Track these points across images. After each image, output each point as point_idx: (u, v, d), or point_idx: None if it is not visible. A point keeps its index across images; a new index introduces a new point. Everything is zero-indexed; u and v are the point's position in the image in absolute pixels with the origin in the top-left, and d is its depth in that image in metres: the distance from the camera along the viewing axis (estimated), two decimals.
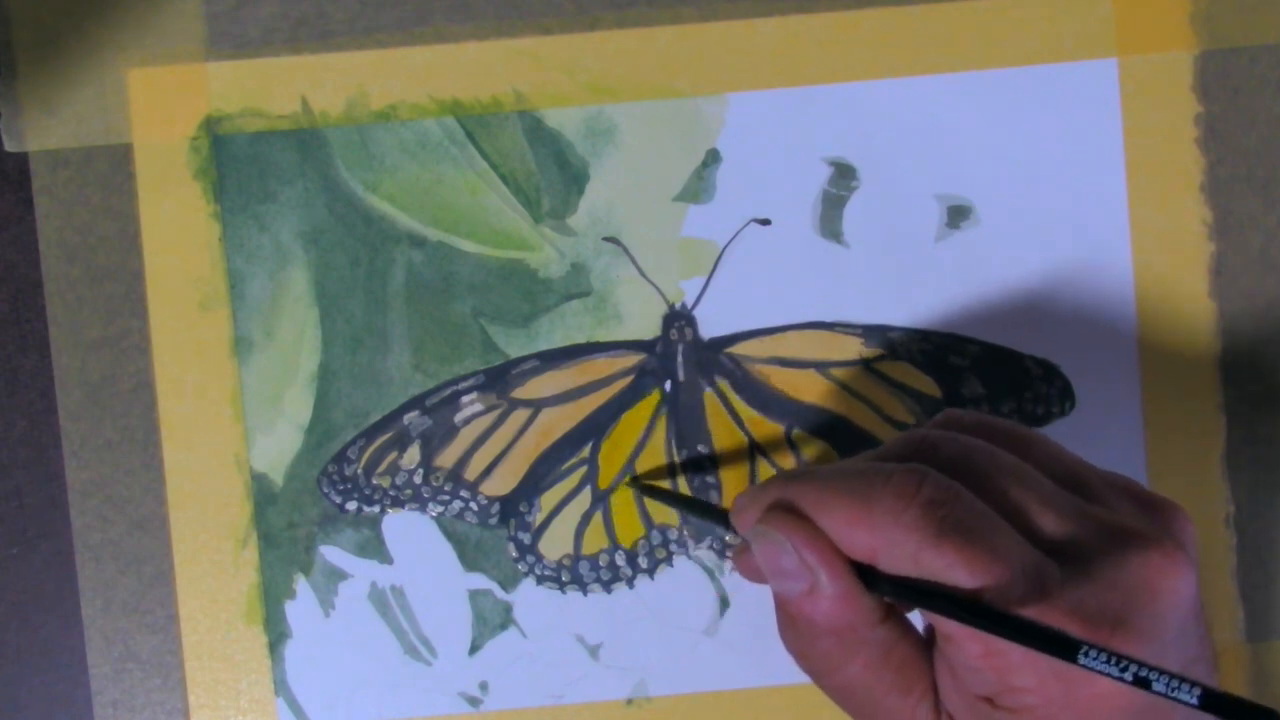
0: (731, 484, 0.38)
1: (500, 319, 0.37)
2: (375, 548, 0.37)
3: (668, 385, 0.38)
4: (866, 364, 0.37)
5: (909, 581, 0.27)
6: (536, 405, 0.37)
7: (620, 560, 0.38)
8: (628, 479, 0.37)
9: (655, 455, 0.38)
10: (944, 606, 0.26)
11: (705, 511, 0.36)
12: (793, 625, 0.29)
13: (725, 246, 0.37)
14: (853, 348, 0.37)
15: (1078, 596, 0.26)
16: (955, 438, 0.29)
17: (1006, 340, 0.37)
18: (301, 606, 0.37)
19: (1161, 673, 0.24)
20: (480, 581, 0.37)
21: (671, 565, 0.38)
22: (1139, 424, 0.37)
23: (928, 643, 0.30)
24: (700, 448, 0.38)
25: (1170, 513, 0.30)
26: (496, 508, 0.37)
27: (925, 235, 0.37)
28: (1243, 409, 0.38)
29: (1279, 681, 0.38)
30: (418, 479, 0.37)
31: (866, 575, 0.28)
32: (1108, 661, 0.24)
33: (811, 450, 0.38)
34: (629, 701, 0.38)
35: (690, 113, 0.37)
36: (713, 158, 0.37)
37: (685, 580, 0.38)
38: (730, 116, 0.37)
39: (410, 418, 0.37)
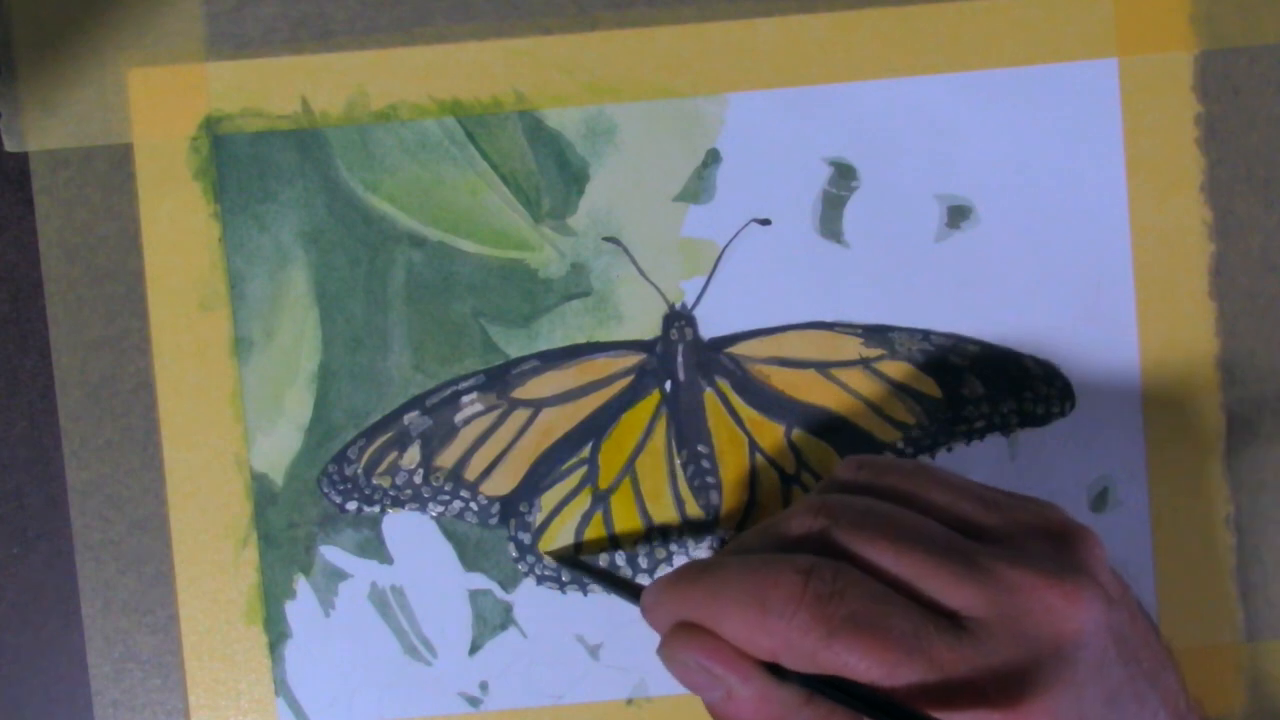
0: (731, 484, 0.38)
1: (500, 319, 0.37)
2: (375, 548, 0.37)
3: (668, 385, 0.38)
4: (866, 364, 0.37)
5: (813, 677, 0.28)
6: (536, 405, 0.37)
7: (620, 560, 0.38)
8: (548, 552, 0.37)
9: (655, 455, 0.38)
10: (847, 700, 0.27)
11: (622, 589, 0.36)
12: None
13: (725, 246, 0.37)
14: (853, 348, 0.37)
15: (981, 659, 0.27)
16: (848, 504, 0.30)
17: (1006, 340, 0.37)
18: (301, 606, 0.37)
19: None
20: (480, 581, 0.37)
21: (671, 565, 0.38)
22: (1139, 424, 0.37)
23: None
24: (700, 448, 0.38)
25: (1077, 541, 0.30)
26: (496, 508, 0.37)
27: (925, 235, 0.37)
28: (1243, 409, 0.38)
29: (1279, 681, 0.38)
30: (418, 479, 0.37)
31: (777, 669, 0.29)
32: None
33: (811, 450, 0.38)
34: (629, 701, 0.38)
35: (690, 113, 0.37)
36: (713, 158, 0.37)
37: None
38: (730, 116, 0.37)
39: (410, 418, 0.37)
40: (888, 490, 0.31)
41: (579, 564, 0.37)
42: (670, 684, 0.37)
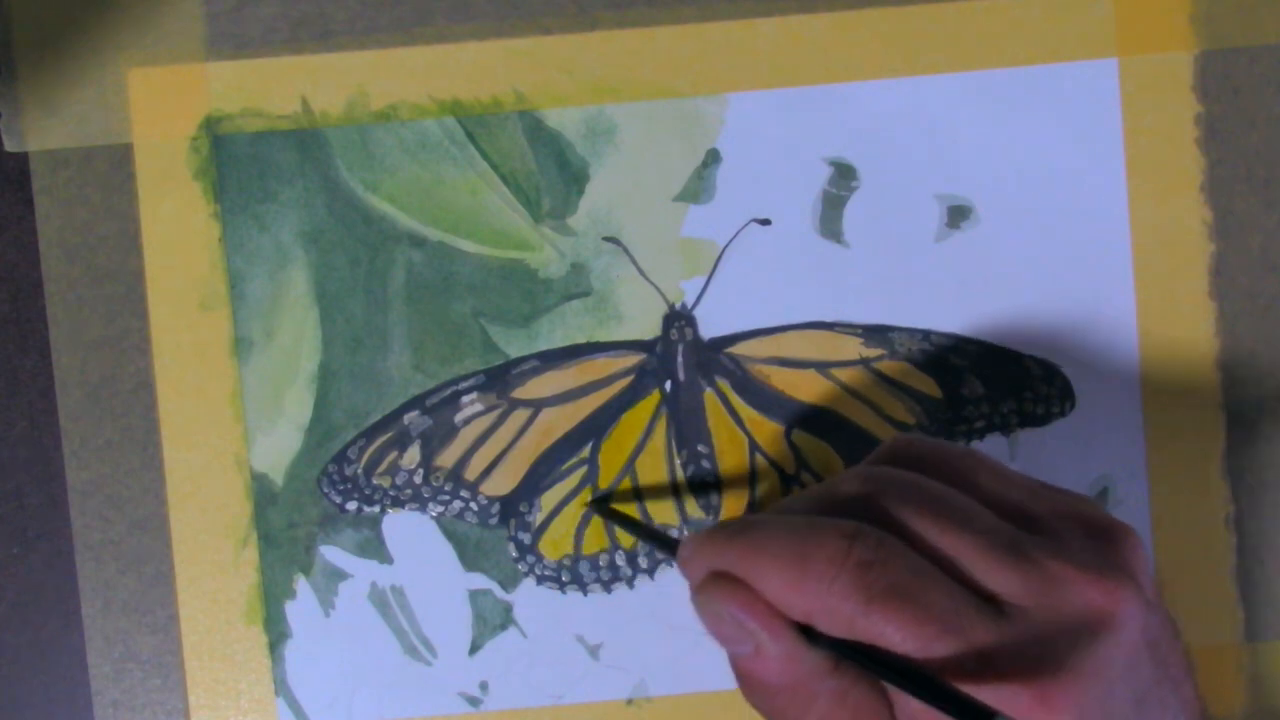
0: (732, 484, 0.38)
1: (500, 319, 0.37)
2: (375, 548, 0.37)
3: (668, 385, 0.38)
4: (866, 364, 0.37)
5: (845, 643, 0.28)
6: (536, 405, 0.37)
7: (620, 560, 0.38)
8: (588, 501, 0.37)
9: (655, 455, 0.38)
10: (877, 669, 0.27)
11: (660, 542, 0.36)
12: (747, 682, 0.30)
13: (725, 246, 0.37)
14: (853, 348, 0.37)
15: (1017, 643, 0.27)
16: (898, 477, 0.30)
17: (1006, 340, 0.37)
18: (301, 606, 0.37)
19: None
20: (480, 581, 0.37)
21: (671, 565, 0.38)
22: (1139, 424, 0.37)
23: None
24: (700, 448, 0.38)
25: (1120, 539, 0.30)
26: (496, 508, 0.37)
27: (925, 235, 0.37)
28: (1243, 409, 0.38)
29: (1279, 681, 0.38)
30: (418, 479, 0.37)
31: (809, 632, 0.28)
32: None
33: (811, 450, 0.38)
34: (629, 701, 0.38)
35: (690, 113, 0.37)
36: (713, 158, 0.37)
37: (685, 580, 0.38)
38: (730, 116, 0.37)
39: (410, 418, 0.37)
40: (937, 470, 0.30)
41: (612, 514, 0.37)
42: (670, 684, 0.37)
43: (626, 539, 0.38)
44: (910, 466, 0.31)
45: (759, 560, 0.28)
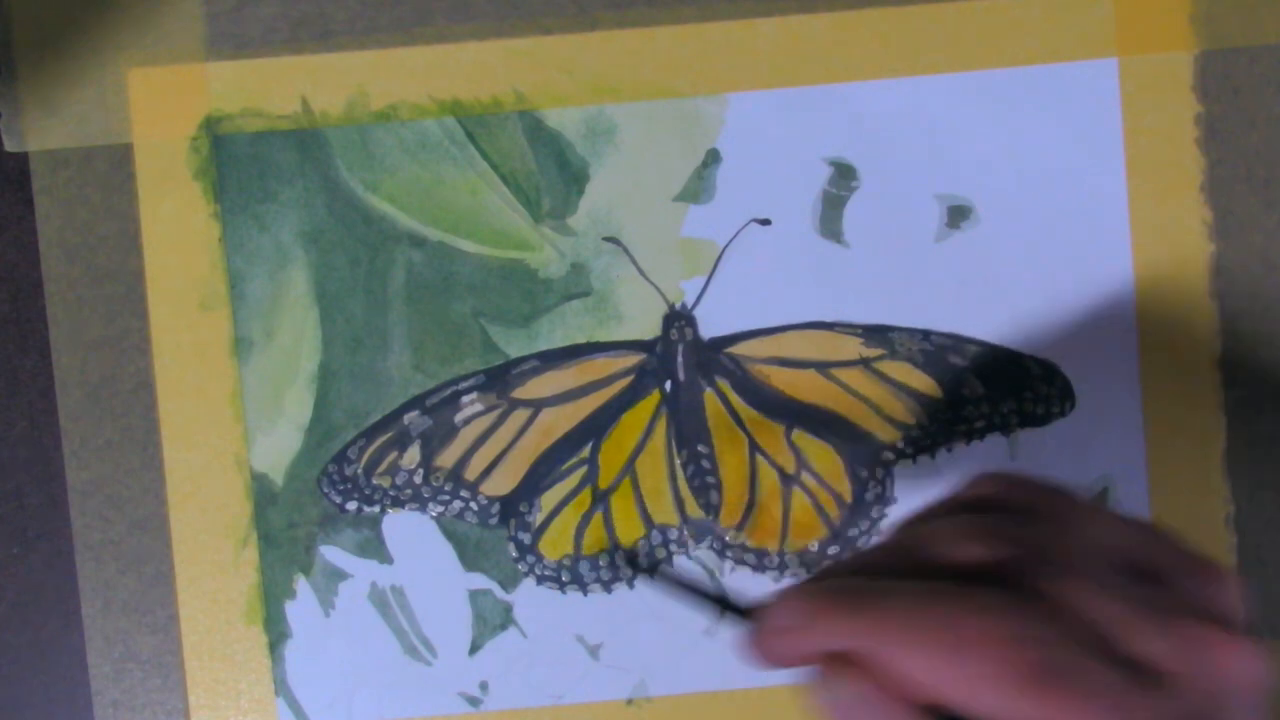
0: (732, 484, 0.38)
1: (500, 319, 0.37)
2: (375, 548, 0.37)
3: (668, 385, 0.38)
4: (866, 364, 0.37)
5: None
6: (536, 405, 0.37)
7: (620, 560, 0.38)
8: (653, 572, 0.36)
9: (655, 455, 0.38)
10: None
11: (730, 611, 0.30)
12: None
13: (725, 246, 0.37)
14: (853, 348, 0.37)
15: (1174, 715, 0.25)
16: (1027, 534, 0.27)
17: (1006, 340, 0.37)
18: (301, 606, 0.37)
19: None
20: (480, 581, 0.37)
21: (671, 565, 0.38)
22: (1139, 424, 0.37)
23: None
24: (700, 448, 0.38)
25: (1224, 579, 0.28)
26: (496, 508, 0.37)
27: (925, 235, 0.37)
28: (1243, 409, 0.38)
29: (1279, 681, 0.38)
30: (418, 479, 0.37)
31: (943, 712, 0.25)
32: None
33: (811, 450, 0.38)
34: (629, 701, 0.38)
35: (690, 113, 0.37)
36: (713, 158, 0.37)
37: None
38: (730, 116, 0.37)
39: (410, 418, 0.37)
40: (1043, 516, 0.28)
41: (674, 581, 0.32)
42: (670, 684, 0.37)
43: (627, 539, 0.38)
44: (1000, 509, 0.28)
45: (895, 636, 0.25)
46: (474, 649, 0.38)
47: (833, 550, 0.38)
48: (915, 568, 0.27)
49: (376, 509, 0.37)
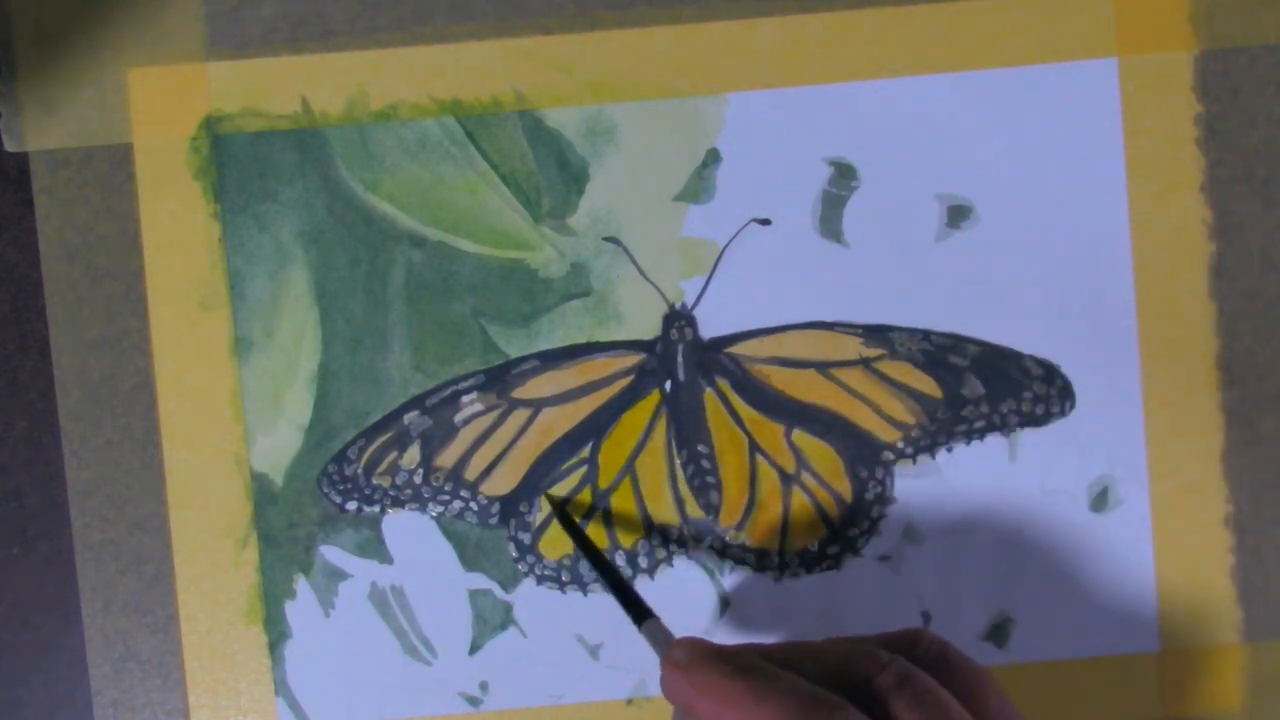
0: (731, 484, 0.38)
1: (500, 319, 0.37)
2: (375, 548, 0.37)
3: (668, 385, 0.38)
4: (866, 364, 0.37)
5: None
6: (536, 405, 0.37)
7: (620, 560, 0.38)
8: (551, 501, 0.37)
9: (655, 455, 0.38)
10: None
11: (627, 604, 0.34)
12: None
13: (725, 246, 0.37)
14: (853, 348, 0.37)
15: None
16: (919, 682, 0.30)
17: (1006, 340, 0.37)
18: (301, 606, 0.37)
19: None
20: (480, 581, 0.37)
21: (671, 565, 0.38)
22: (1139, 424, 0.37)
23: None
24: (700, 448, 0.38)
25: None
26: (496, 508, 0.37)
27: (925, 235, 0.37)
28: (1243, 409, 0.38)
29: (1279, 681, 0.38)
30: (418, 479, 0.37)
31: None
32: None
33: (811, 450, 0.38)
34: (629, 701, 0.38)
35: (690, 113, 0.37)
36: (713, 158, 0.37)
37: (685, 580, 0.38)
38: (730, 116, 0.37)
39: (410, 418, 0.37)
40: (953, 679, 0.31)
41: (601, 564, 0.36)
42: None
43: (627, 539, 0.38)
44: (927, 666, 0.31)
45: (753, 710, 0.29)
46: (474, 649, 0.38)
47: (833, 550, 0.38)
48: (821, 669, 0.30)
49: (376, 509, 0.37)
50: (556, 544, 0.38)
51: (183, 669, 0.37)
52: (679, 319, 0.37)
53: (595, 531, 0.38)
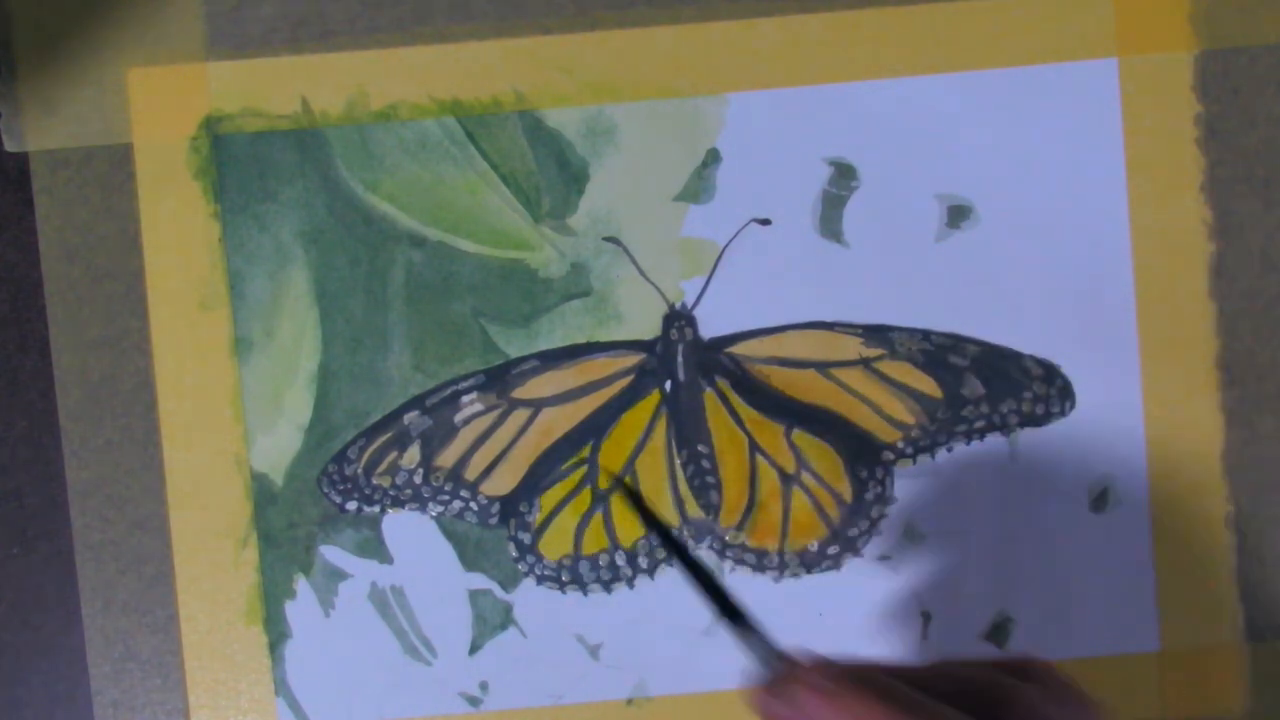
0: (731, 484, 0.38)
1: (500, 319, 0.37)
2: (375, 548, 0.37)
3: (668, 385, 0.38)
4: (866, 364, 0.37)
5: None
6: (536, 405, 0.37)
7: (620, 560, 0.38)
8: (623, 483, 0.37)
9: (655, 455, 0.38)
10: None
11: (721, 605, 0.30)
12: None
13: (725, 246, 0.37)
14: (853, 348, 0.37)
15: None
16: (1039, 710, 0.28)
17: (1006, 340, 0.37)
18: (301, 606, 0.37)
19: None
20: (480, 581, 0.37)
21: (671, 565, 0.38)
22: (1139, 424, 0.37)
23: None
24: (700, 448, 0.38)
25: None
26: (496, 508, 0.37)
27: (925, 235, 0.37)
28: (1243, 409, 0.38)
29: (1279, 681, 0.38)
30: (418, 479, 0.37)
31: None
32: None
33: (811, 450, 0.38)
34: (629, 701, 0.38)
35: (690, 113, 0.37)
36: (713, 158, 0.37)
37: (685, 580, 0.38)
38: (730, 116, 0.37)
39: (410, 418, 0.37)
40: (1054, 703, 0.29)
41: (690, 565, 0.31)
42: (670, 684, 0.37)
43: (627, 539, 0.38)
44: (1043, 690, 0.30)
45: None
46: (474, 649, 0.38)
47: (833, 550, 0.38)
48: (946, 687, 0.28)
49: (376, 509, 0.37)
50: (556, 544, 0.38)
51: (183, 669, 0.37)
52: (679, 319, 0.37)
53: (595, 531, 0.38)
